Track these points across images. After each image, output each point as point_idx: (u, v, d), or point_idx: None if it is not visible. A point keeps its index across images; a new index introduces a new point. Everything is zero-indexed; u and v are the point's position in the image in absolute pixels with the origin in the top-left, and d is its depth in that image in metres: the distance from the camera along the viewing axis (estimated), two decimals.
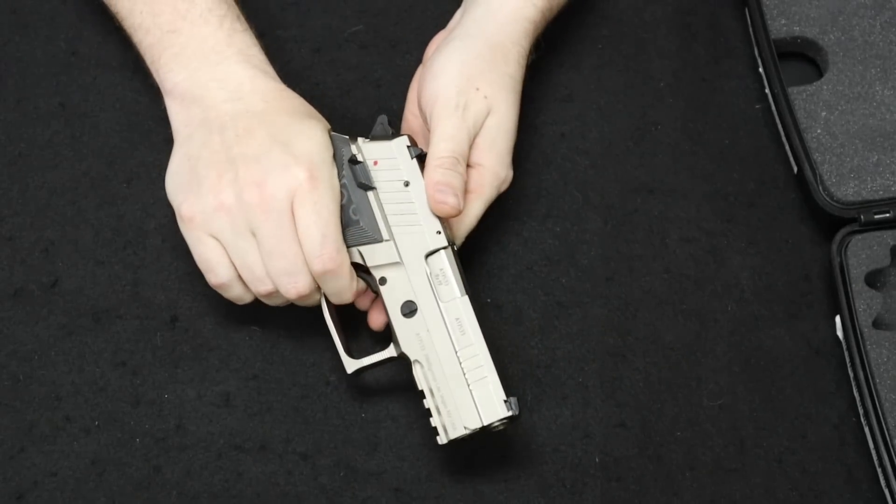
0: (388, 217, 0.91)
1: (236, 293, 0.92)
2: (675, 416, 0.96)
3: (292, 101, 0.94)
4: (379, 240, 0.91)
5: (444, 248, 0.90)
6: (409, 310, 0.90)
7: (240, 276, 0.91)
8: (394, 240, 0.91)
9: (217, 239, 0.90)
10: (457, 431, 0.88)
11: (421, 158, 0.92)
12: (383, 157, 0.92)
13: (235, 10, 0.97)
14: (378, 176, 0.92)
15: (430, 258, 0.90)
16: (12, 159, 1.03)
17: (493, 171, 0.94)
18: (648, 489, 0.94)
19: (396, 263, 0.90)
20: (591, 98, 1.07)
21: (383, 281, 0.91)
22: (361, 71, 1.07)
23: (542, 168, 1.04)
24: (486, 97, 0.94)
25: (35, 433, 0.94)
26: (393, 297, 0.91)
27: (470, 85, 0.94)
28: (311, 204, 0.88)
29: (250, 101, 0.92)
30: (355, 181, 0.91)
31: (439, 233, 0.90)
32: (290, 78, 0.99)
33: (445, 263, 0.90)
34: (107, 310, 0.98)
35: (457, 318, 0.89)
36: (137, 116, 1.04)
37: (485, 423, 0.87)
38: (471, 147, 0.93)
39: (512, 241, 1.01)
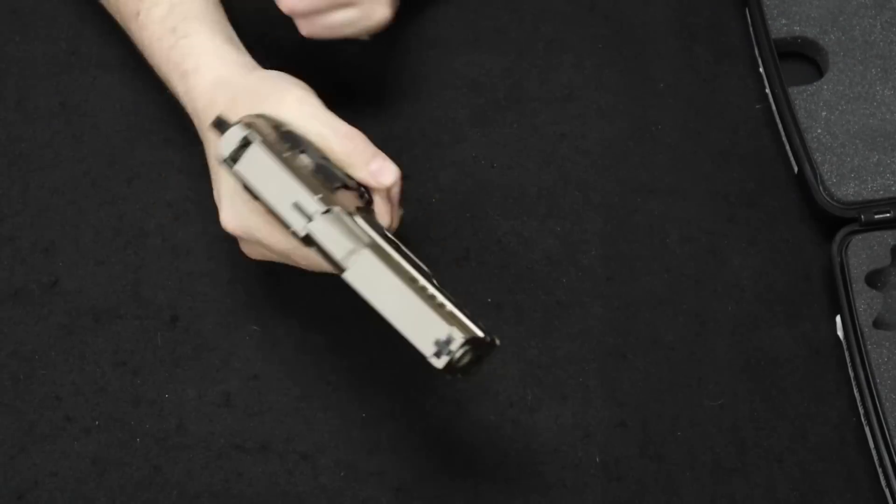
0: None
1: None
2: (675, 416, 0.96)
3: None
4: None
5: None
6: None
7: None
8: None
9: None
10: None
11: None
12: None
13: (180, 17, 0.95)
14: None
15: None
16: (12, 159, 1.03)
17: None
18: (648, 489, 0.94)
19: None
20: (591, 98, 1.07)
21: None
22: (361, 71, 1.07)
23: (542, 168, 1.04)
24: None
25: (35, 433, 0.94)
26: None
27: None
28: None
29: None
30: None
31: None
32: None
33: None
34: (107, 310, 0.98)
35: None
36: (137, 116, 1.04)
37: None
38: None
39: (512, 241, 1.01)
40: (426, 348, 0.79)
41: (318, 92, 1.05)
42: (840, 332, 0.98)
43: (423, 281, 0.81)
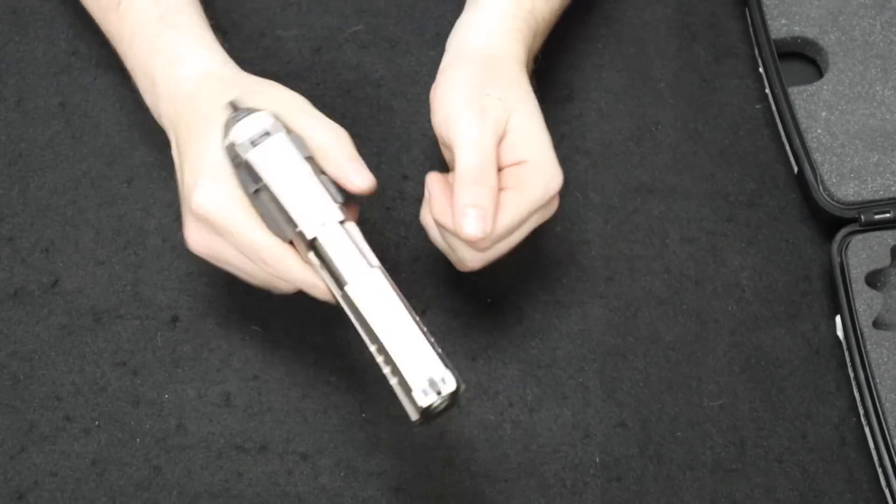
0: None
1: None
2: (675, 416, 0.96)
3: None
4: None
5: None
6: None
7: None
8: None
9: None
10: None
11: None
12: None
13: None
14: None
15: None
16: (12, 159, 1.03)
17: (539, 166, 0.86)
18: (648, 489, 0.94)
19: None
20: (591, 98, 1.07)
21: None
22: (361, 71, 1.07)
23: None
24: (500, 99, 0.87)
25: (35, 433, 0.94)
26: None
27: (479, 92, 0.87)
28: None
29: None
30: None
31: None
32: (290, 78, 0.99)
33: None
34: (107, 310, 0.98)
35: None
36: (137, 116, 1.04)
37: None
38: (499, 151, 0.86)
39: None
40: (418, 382, 0.77)
41: (319, 92, 1.06)
42: (840, 332, 0.98)
43: (417, 318, 0.80)
